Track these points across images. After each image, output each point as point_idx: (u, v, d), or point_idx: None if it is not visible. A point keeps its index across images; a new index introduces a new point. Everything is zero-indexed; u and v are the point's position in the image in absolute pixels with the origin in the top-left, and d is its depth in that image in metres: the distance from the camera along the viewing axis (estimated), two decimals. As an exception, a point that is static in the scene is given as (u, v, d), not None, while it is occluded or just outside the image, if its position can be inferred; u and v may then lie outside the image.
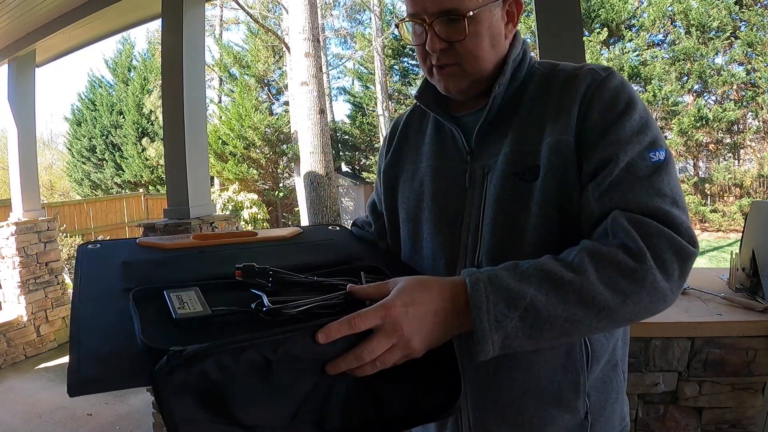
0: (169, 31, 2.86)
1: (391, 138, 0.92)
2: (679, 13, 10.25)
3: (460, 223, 0.75)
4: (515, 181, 0.70)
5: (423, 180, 0.81)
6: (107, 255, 0.76)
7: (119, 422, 3.04)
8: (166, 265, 0.72)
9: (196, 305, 0.55)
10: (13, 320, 4.22)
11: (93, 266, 0.72)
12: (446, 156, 0.80)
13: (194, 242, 0.81)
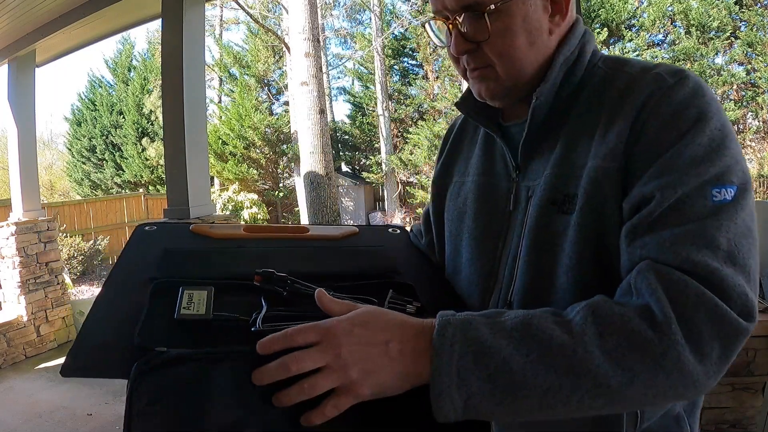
0: (169, 31, 2.86)
1: (445, 143, 0.83)
2: (679, 13, 10.25)
3: (500, 250, 0.66)
4: (552, 210, 0.58)
5: (467, 196, 0.73)
6: (156, 239, 0.77)
7: (119, 422, 3.03)
8: (203, 258, 0.71)
9: (201, 307, 0.55)
10: (13, 320, 4.22)
11: (137, 250, 0.74)
12: (493, 171, 0.70)
13: (242, 234, 0.79)
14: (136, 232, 0.79)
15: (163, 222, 0.85)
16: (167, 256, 0.70)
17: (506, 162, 0.68)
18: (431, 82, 14.07)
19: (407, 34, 14.41)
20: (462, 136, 0.80)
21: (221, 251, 0.73)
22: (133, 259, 0.71)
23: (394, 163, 13.40)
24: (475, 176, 0.72)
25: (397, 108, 14.33)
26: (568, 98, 0.62)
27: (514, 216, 0.65)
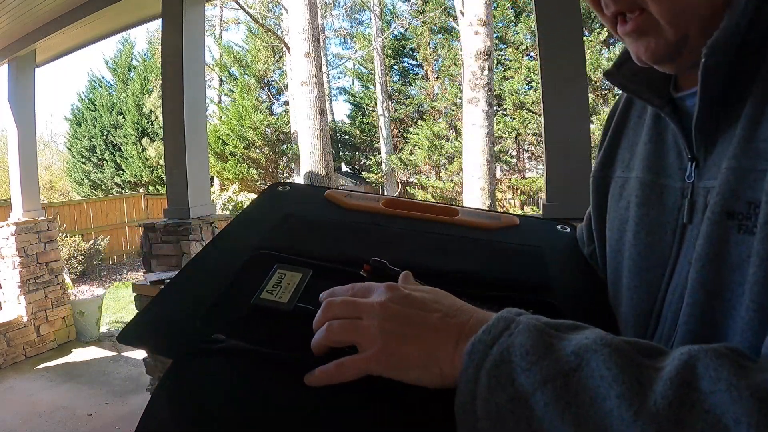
0: (169, 31, 2.86)
1: (607, 124, 0.63)
2: (679, 13, 10.24)
3: (666, 283, 0.46)
4: (729, 227, 0.39)
5: (630, 200, 0.53)
6: (285, 201, 0.71)
7: (119, 422, 3.04)
8: (322, 230, 0.63)
9: (286, 294, 0.49)
10: (13, 320, 4.22)
11: (259, 210, 0.69)
12: (663, 166, 0.49)
13: (379, 208, 0.69)
14: (268, 190, 0.74)
15: (300, 184, 0.78)
16: (286, 221, 0.64)
17: (680, 151, 0.47)
18: (431, 82, 14.07)
19: (407, 34, 14.41)
20: (627, 114, 0.59)
21: (347, 226, 0.64)
22: (252, 219, 0.66)
23: (394, 163, 13.40)
24: (640, 172, 0.52)
25: (397, 108, 14.33)
26: (757, 52, 0.40)
27: (689, 233, 0.45)
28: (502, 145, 12.11)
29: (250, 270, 0.53)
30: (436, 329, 0.38)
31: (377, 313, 0.40)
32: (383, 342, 0.38)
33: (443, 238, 0.63)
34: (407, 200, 0.71)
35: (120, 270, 9.68)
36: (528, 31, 11.73)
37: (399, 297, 0.41)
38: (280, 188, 0.74)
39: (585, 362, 0.31)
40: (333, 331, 0.40)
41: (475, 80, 5.94)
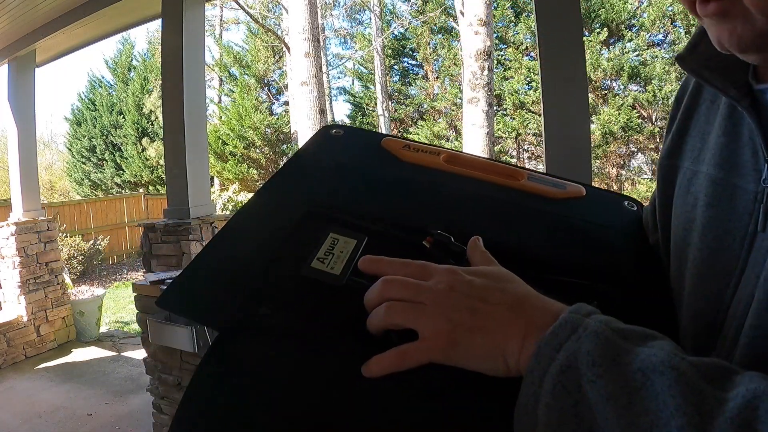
0: (169, 31, 2.86)
1: (675, 108, 0.59)
2: (679, 13, 10.25)
3: (729, 296, 0.42)
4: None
5: (698, 197, 0.47)
6: (338, 147, 0.65)
7: (119, 422, 3.04)
8: (376, 187, 0.58)
9: (339, 263, 0.44)
10: (13, 320, 4.23)
11: (310, 157, 0.63)
12: (736, 164, 0.44)
13: (439, 164, 0.62)
14: (321, 132, 0.67)
15: (354, 127, 0.70)
16: (338, 172, 0.60)
17: (755, 150, 0.42)
18: (431, 82, 14.07)
19: (407, 34, 14.41)
20: (698, 97, 0.55)
21: (403, 183, 0.59)
22: (303, 166, 0.61)
23: (394, 163, 13.39)
24: (711, 168, 0.46)
25: (397, 108, 14.33)
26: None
27: (760, 242, 0.40)
28: (502, 145, 12.11)
29: (302, 230, 0.50)
30: (503, 323, 0.37)
31: (442, 301, 0.38)
32: (449, 331, 0.37)
33: (506, 206, 0.58)
34: (470, 157, 0.64)
35: (120, 270, 9.69)
36: (528, 31, 11.73)
37: (462, 284, 0.39)
38: (333, 131, 0.68)
39: (650, 383, 0.30)
40: (395, 312, 0.38)
41: (475, 80, 5.94)
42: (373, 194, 0.57)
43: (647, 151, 10.91)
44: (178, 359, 2.44)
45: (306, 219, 0.51)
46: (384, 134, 0.68)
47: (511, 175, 0.62)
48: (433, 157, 0.63)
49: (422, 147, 0.64)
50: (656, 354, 0.32)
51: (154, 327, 2.28)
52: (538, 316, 0.37)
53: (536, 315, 0.37)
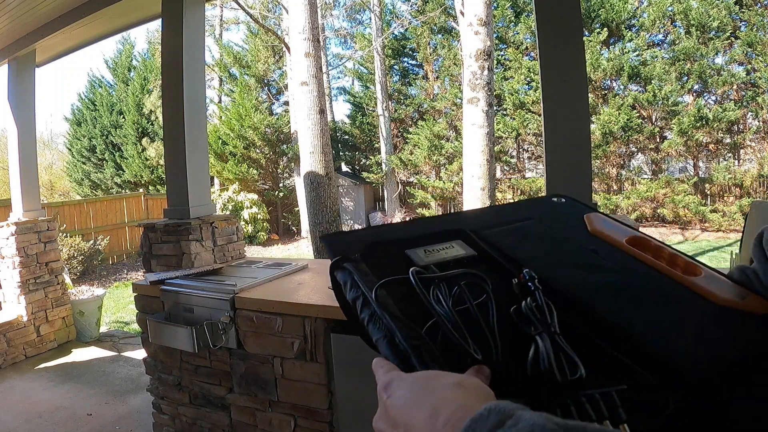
0: (169, 31, 2.86)
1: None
2: (679, 13, 10.25)
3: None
4: None
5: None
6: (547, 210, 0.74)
7: (119, 422, 3.04)
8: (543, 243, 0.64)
9: (431, 257, 0.56)
10: (13, 320, 4.22)
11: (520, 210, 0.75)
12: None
13: (617, 242, 0.63)
14: (547, 197, 0.78)
15: (575, 201, 0.76)
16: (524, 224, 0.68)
17: None
18: (431, 82, 14.06)
19: (407, 34, 14.41)
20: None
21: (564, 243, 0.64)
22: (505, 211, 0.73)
23: (394, 163, 13.39)
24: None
25: (397, 108, 14.33)
26: None
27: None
28: (502, 145, 12.11)
29: (445, 235, 0.62)
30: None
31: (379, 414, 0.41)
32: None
33: (657, 294, 0.53)
34: (655, 243, 0.62)
35: (120, 270, 9.69)
36: (528, 31, 11.73)
37: (381, 411, 0.41)
38: (555, 199, 0.77)
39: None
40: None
41: (475, 80, 5.93)
42: (533, 246, 0.63)
43: (647, 151, 10.90)
44: (178, 359, 2.44)
45: (454, 232, 0.63)
46: (595, 209, 0.74)
47: (687, 270, 0.57)
48: (620, 234, 0.65)
49: (618, 226, 0.67)
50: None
51: (154, 327, 2.28)
52: (431, 426, 0.33)
53: (430, 424, 0.34)
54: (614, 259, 0.60)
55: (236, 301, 2.11)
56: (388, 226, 0.68)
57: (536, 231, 0.67)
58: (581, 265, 0.58)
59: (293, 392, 2.02)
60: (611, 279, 0.55)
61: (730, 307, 0.51)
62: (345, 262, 0.55)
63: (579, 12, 1.90)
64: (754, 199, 9.33)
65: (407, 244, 0.59)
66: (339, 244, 0.61)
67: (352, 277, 0.53)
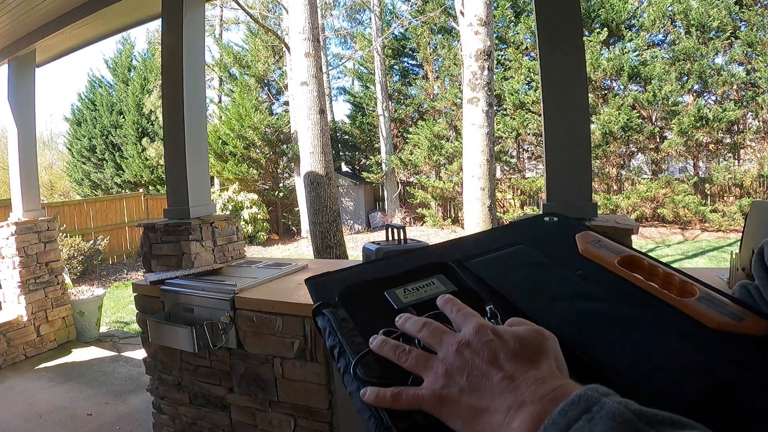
0: (169, 31, 2.86)
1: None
2: (679, 13, 10.25)
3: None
4: None
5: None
6: (535, 230, 0.72)
7: (119, 422, 3.04)
8: (527, 270, 0.61)
9: (412, 297, 0.55)
10: (13, 320, 4.22)
11: (505, 232, 0.72)
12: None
13: (610, 264, 0.60)
14: (538, 217, 0.75)
15: (567, 218, 0.74)
16: (512, 249, 0.66)
17: None
18: (431, 82, 14.07)
19: (407, 34, 14.41)
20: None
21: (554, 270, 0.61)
22: (491, 238, 0.71)
23: (394, 163, 13.40)
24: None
25: (397, 108, 14.33)
26: None
27: None
28: (502, 145, 12.11)
29: (426, 269, 0.61)
30: (492, 391, 0.36)
31: (450, 356, 0.40)
32: (442, 386, 0.38)
33: (646, 322, 0.50)
34: (649, 262, 0.59)
35: (120, 270, 9.69)
36: (528, 31, 11.73)
37: (478, 342, 0.39)
38: (547, 219, 0.74)
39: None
40: (407, 360, 0.42)
41: (475, 80, 5.94)
42: (517, 274, 0.60)
43: (647, 151, 10.91)
44: (178, 359, 2.44)
45: (436, 266, 0.62)
46: (588, 228, 0.69)
47: (681, 291, 0.55)
48: (611, 255, 0.61)
49: (609, 244, 0.64)
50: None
51: (154, 327, 2.28)
52: (533, 393, 0.34)
53: (532, 390, 0.35)
54: (604, 284, 0.57)
55: (236, 301, 2.11)
56: (371, 265, 0.66)
57: (523, 258, 0.64)
58: (567, 295, 0.55)
59: (293, 392, 2.02)
60: (598, 308, 0.52)
61: (726, 331, 0.48)
62: (324, 308, 0.55)
63: (579, 12, 1.90)
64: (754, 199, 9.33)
65: (388, 283, 0.57)
66: (322, 287, 0.61)
67: (330, 324, 0.53)
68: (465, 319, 0.43)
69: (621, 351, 0.46)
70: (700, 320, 0.50)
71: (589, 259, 0.62)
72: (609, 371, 0.43)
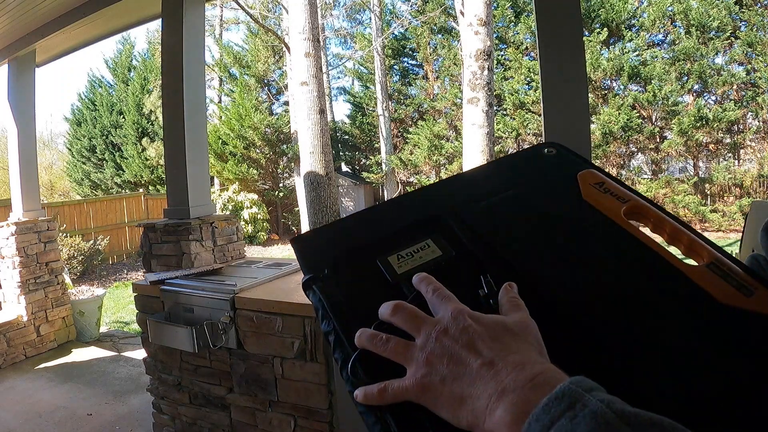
0: (169, 31, 2.86)
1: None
2: (679, 13, 10.25)
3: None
4: None
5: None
6: (535, 167, 0.64)
7: (119, 422, 3.04)
8: (529, 224, 0.56)
9: (408, 265, 0.51)
10: (13, 320, 4.22)
11: (500, 169, 0.66)
12: None
13: (615, 214, 0.54)
14: (534, 149, 0.66)
15: (567, 151, 0.66)
16: (511, 195, 0.60)
17: None
18: (431, 82, 14.07)
19: (407, 34, 14.41)
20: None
21: (558, 225, 0.55)
22: (487, 176, 0.65)
23: (394, 163, 13.40)
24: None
25: (397, 108, 14.33)
26: None
27: None
28: (502, 145, 12.11)
29: (419, 227, 0.55)
30: (472, 377, 0.36)
31: (430, 342, 0.39)
32: (423, 375, 0.38)
33: (652, 295, 0.46)
34: (656, 214, 0.54)
35: (120, 270, 9.68)
36: (528, 31, 11.73)
37: (456, 328, 0.39)
38: (546, 150, 0.65)
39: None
40: (386, 349, 0.41)
41: (475, 80, 5.94)
42: (520, 227, 0.55)
43: (647, 151, 10.91)
44: (178, 359, 2.44)
45: (430, 221, 0.56)
46: (590, 164, 0.62)
47: (691, 251, 0.50)
48: (616, 204, 0.55)
49: (614, 188, 0.57)
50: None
51: (154, 327, 2.28)
52: (514, 380, 0.34)
53: (514, 378, 0.34)
54: (608, 242, 0.52)
55: (236, 301, 2.11)
56: (359, 222, 0.60)
57: (522, 207, 0.58)
58: (567, 257, 0.51)
59: (293, 392, 2.02)
60: (603, 280, 0.48)
61: (734, 306, 0.43)
62: (315, 283, 0.51)
63: (579, 12, 1.90)
64: (754, 199, 9.32)
65: (379, 247, 0.52)
66: (309, 251, 0.56)
67: (322, 305, 0.49)
68: (441, 302, 0.42)
69: (624, 334, 0.43)
70: (708, 290, 0.45)
71: (592, 205, 0.56)
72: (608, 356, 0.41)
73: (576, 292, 0.47)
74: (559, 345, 0.41)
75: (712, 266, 0.47)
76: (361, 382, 0.42)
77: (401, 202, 0.62)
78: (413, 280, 0.46)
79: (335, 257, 0.53)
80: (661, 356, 0.41)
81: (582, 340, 0.42)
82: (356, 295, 0.49)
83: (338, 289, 0.50)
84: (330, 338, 0.47)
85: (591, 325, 0.43)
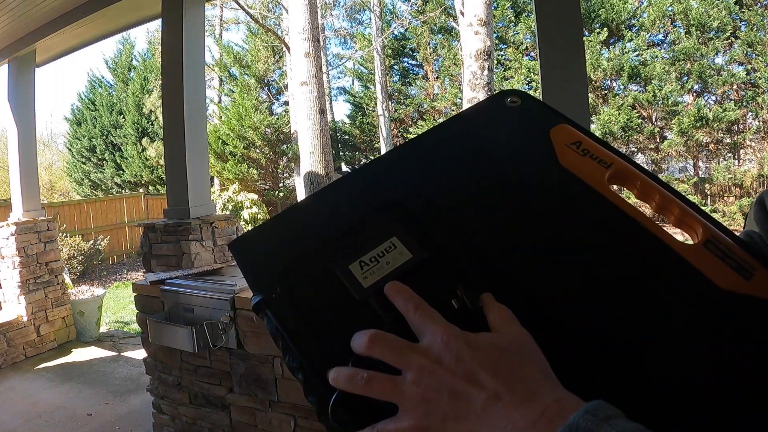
0: (169, 31, 2.86)
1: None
2: (679, 13, 10.25)
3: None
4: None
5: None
6: (497, 121, 0.54)
7: (119, 422, 3.04)
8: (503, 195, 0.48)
9: (375, 275, 0.42)
10: (13, 320, 4.22)
11: (457, 128, 0.53)
12: None
13: (598, 182, 0.46)
14: (493, 98, 0.55)
15: (534, 99, 0.55)
16: (474, 160, 0.50)
17: None
18: (431, 82, 14.07)
19: (407, 34, 14.42)
20: None
21: (536, 195, 0.47)
22: (443, 139, 0.52)
23: (394, 163, 13.39)
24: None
25: (397, 108, 14.33)
26: None
27: None
28: (502, 145, 12.10)
29: (376, 219, 0.45)
30: (477, 415, 0.32)
31: (424, 377, 0.35)
32: (422, 415, 0.34)
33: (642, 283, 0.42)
34: (645, 180, 0.47)
35: (120, 270, 9.68)
36: (528, 31, 11.73)
37: (450, 357, 0.35)
38: (509, 100, 0.54)
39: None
40: (371, 389, 0.36)
41: (475, 80, 5.93)
42: (495, 202, 0.47)
43: (647, 151, 10.91)
44: (178, 359, 2.44)
45: (388, 208, 0.46)
46: (562, 117, 0.52)
47: (683, 224, 0.46)
48: (599, 169, 0.47)
49: (594, 149, 0.48)
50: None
51: (154, 327, 2.28)
52: (524, 415, 0.31)
53: (524, 413, 0.31)
54: (593, 218, 0.45)
55: (236, 301, 2.11)
56: (306, 214, 0.51)
57: (493, 182, 0.49)
58: (550, 246, 0.44)
59: (293, 392, 2.02)
60: (591, 273, 0.43)
61: (734, 292, 0.39)
62: (267, 306, 0.42)
63: (579, 12, 1.90)
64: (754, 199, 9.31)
65: (336, 249, 0.44)
66: (252, 261, 0.46)
67: (281, 335, 0.42)
68: (426, 323, 0.37)
69: (624, 335, 0.39)
70: (709, 276, 0.41)
71: (571, 172, 0.47)
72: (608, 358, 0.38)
73: (567, 289, 0.41)
74: (555, 352, 0.37)
75: (709, 245, 0.42)
76: (347, 427, 0.36)
77: (352, 183, 0.52)
78: (386, 291, 0.39)
79: (285, 267, 0.44)
80: (664, 357, 0.38)
81: (580, 343, 0.39)
82: (319, 319, 0.42)
83: (296, 313, 0.42)
84: (298, 376, 0.40)
85: (587, 327, 0.40)
